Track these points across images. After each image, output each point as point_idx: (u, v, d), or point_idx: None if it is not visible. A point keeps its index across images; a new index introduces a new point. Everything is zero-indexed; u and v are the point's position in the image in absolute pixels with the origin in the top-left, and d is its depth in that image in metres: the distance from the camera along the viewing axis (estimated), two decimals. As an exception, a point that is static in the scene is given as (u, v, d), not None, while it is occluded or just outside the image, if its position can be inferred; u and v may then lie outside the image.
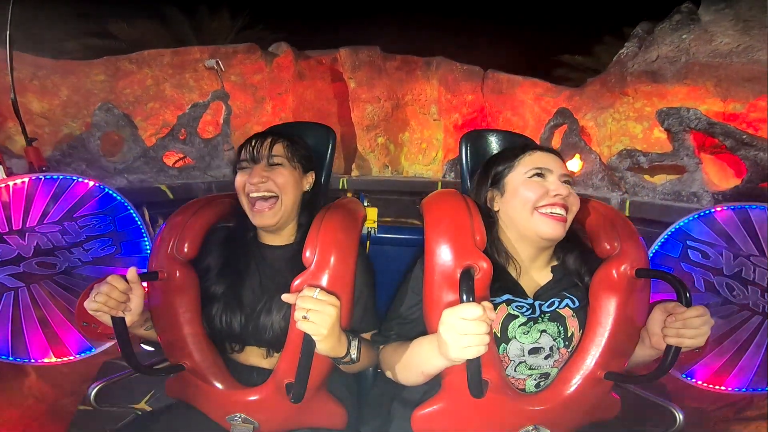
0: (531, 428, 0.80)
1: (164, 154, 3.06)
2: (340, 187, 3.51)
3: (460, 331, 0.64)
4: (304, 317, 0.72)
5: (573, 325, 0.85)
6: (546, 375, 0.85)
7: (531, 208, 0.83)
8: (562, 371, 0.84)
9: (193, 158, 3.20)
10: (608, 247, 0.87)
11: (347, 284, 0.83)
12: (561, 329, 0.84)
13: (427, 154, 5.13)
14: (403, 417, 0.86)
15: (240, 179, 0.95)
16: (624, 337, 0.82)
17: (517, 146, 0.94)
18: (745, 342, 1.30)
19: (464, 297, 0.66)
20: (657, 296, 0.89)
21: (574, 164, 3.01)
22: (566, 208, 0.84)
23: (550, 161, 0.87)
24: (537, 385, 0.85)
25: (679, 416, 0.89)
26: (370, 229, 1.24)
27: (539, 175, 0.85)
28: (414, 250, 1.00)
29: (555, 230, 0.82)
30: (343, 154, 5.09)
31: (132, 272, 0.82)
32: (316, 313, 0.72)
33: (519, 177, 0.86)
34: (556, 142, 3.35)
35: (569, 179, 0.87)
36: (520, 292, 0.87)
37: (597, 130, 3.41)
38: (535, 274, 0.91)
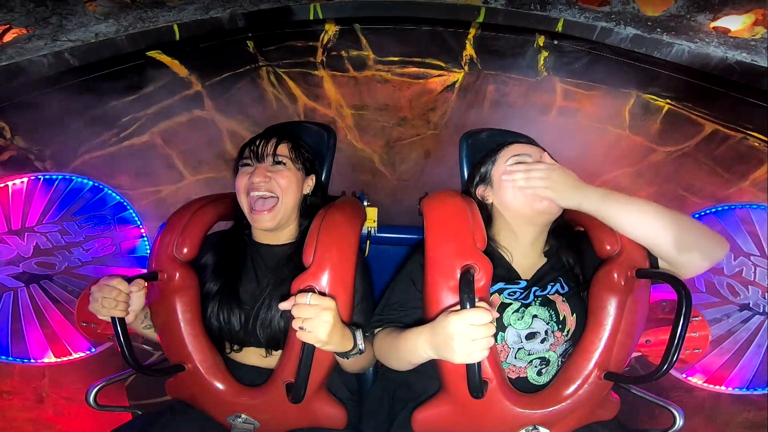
0: (531, 428, 0.80)
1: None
2: (311, 17, 1.98)
3: (471, 338, 0.63)
4: (301, 328, 0.71)
5: (564, 309, 0.87)
6: (546, 361, 0.86)
7: (520, 188, 0.89)
8: (562, 371, 0.84)
9: (24, 25, 1.77)
10: (608, 247, 0.87)
11: (347, 283, 0.82)
12: (552, 313, 0.86)
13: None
14: (404, 417, 0.87)
15: (241, 179, 0.94)
16: (624, 337, 0.82)
17: (498, 143, 1.01)
18: (745, 342, 1.30)
19: (465, 301, 0.65)
20: (657, 296, 0.89)
21: (737, 21, 1.81)
22: None
23: (527, 149, 0.94)
24: (539, 373, 0.86)
25: (679, 416, 0.89)
26: (370, 229, 1.24)
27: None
28: (414, 250, 0.99)
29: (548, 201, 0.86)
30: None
31: (135, 283, 0.84)
32: (312, 321, 0.71)
33: (502, 167, 0.94)
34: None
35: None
36: (513, 276, 0.90)
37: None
38: (533, 257, 0.94)
